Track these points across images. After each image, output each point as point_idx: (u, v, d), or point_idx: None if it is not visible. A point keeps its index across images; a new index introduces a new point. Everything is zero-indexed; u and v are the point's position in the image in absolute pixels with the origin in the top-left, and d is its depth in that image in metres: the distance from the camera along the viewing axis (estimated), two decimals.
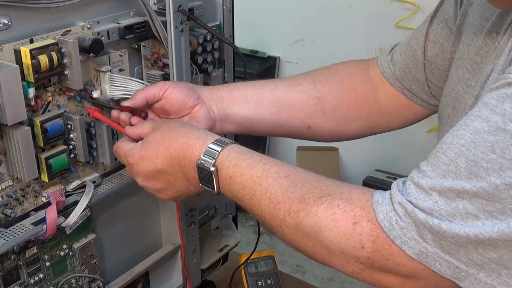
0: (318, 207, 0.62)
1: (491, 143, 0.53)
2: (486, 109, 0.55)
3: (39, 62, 0.71)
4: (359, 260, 0.60)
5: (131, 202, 0.97)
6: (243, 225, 2.53)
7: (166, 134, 0.76)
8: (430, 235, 0.55)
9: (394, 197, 0.58)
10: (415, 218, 0.56)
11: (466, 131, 0.55)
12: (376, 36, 2.35)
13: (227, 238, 1.15)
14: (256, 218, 0.71)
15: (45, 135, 0.76)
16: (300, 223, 0.63)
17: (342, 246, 0.60)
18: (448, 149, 0.56)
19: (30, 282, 0.81)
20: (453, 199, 0.54)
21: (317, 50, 2.52)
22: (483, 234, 0.53)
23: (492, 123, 0.53)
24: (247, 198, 0.68)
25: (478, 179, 0.53)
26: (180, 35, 0.87)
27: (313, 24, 2.49)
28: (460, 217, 0.54)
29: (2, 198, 0.75)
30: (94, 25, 0.80)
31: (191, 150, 0.72)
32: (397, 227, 0.57)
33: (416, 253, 0.57)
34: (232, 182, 0.69)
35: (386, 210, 0.58)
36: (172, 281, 1.08)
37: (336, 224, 0.61)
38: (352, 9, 2.37)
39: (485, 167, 0.53)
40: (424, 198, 0.56)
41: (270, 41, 2.64)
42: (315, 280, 2.31)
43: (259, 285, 1.13)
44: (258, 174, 0.68)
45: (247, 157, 0.70)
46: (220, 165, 0.70)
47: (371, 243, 0.59)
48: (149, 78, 0.91)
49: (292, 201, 0.64)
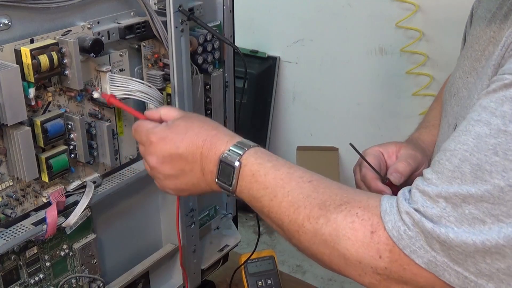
0: (337, 214, 0.61)
1: (493, 146, 0.53)
2: (485, 113, 0.55)
3: (40, 62, 0.71)
4: (376, 271, 0.59)
5: (131, 202, 0.97)
6: (243, 225, 2.53)
7: (196, 123, 0.75)
8: (438, 245, 0.55)
9: (401, 207, 0.58)
10: (423, 227, 0.56)
11: (468, 137, 0.55)
12: (376, 36, 2.35)
13: (227, 238, 1.15)
14: (270, 223, 0.69)
15: (46, 135, 0.76)
16: (319, 230, 0.62)
17: (360, 255, 0.60)
18: (452, 156, 0.56)
19: (30, 282, 0.81)
20: (459, 204, 0.54)
21: (317, 50, 2.53)
22: (490, 240, 0.52)
23: (493, 126, 0.54)
24: (267, 199, 0.67)
25: (483, 183, 0.53)
26: (181, 35, 0.87)
27: (313, 24, 2.49)
28: (468, 222, 0.54)
29: (2, 198, 0.75)
30: (95, 25, 0.80)
31: (219, 143, 0.71)
32: (406, 236, 0.57)
33: (426, 262, 0.56)
34: (254, 181, 0.69)
35: (394, 220, 0.58)
36: (172, 281, 1.08)
37: (355, 233, 0.60)
38: (352, 9, 2.37)
39: (489, 170, 0.53)
40: (431, 206, 0.56)
41: (270, 41, 2.64)
42: (315, 280, 2.31)
43: (259, 285, 1.13)
44: (282, 177, 0.67)
45: (273, 159, 0.70)
46: (245, 161, 0.69)
47: (388, 252, 0.58)
48: (150, 78, 0.91)
49: (313, 206, 0.63)
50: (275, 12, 2.57)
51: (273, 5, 2.57)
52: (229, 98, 1.04)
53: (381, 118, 2.48)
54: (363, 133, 2.52)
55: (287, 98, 2.70)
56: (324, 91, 2.58)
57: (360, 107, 2.51)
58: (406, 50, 2.28)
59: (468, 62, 0.76)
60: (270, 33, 2.64)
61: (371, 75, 2.44)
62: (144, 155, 0.78)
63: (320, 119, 2.64)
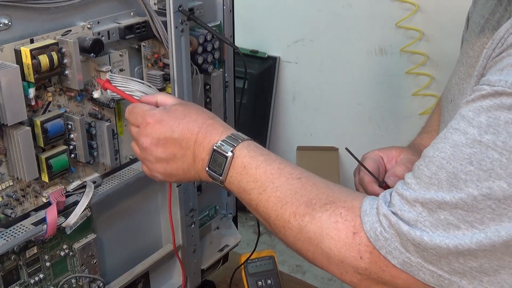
0: (322, 213, 0.63)
1: (469, 155, 0.54)
2: (463, 122, 0.56)
3: (40, 62, 0.71)
4: (357, 271, 0.61)
5: (131, 202, 0.97)
6: (243, 225, 2.53)
7: (194, 110, 0.76)
8: (412, 247, 0.57)
9: (380, 209, 0.59)
10: (399, 230, 0.57)
11: (446, 144, 0.57)
12: (376, 36, 2.35)
13: (227, 238, 1.15)
14: (257, 215, 0.71)
15: (46, 135, 0.76)
16: (304, 227, 0.64)
17: (342, 255, 0.61)
18: (430, 163, 0.57)
19: (30, 282, 0.81)
20: (435, 210, 0.56)
21: (317, 50, 2.53)
22: (462, 245, 0.54)
23: (469, 136, 0.55)
24: (256, 193, 0.68)
25: (458, 191, 0.54)
26: (181, 35, 0.87)
27: (313, 24, 2.49)
28: (442, 227, 0.55)
29: (2, 198, 0.75)
30: (95, 25, 0.80)
31: (214, 132, 0.72)
32: (382, 238, 0.58)
33: (401, 263, 0.58)
34: (244, 173, 0.69)
35: (372, 221, 0.59)
36: (172, 281, 1.08)
37: (338, 233, 0.61)
38: (352, 9, 2.37)
39: (464, 179, 0.54)
40: (408, 210, 0.57)
41: (270, 41, 2.64)
42: (315, 280, 2.31)
43: (259, 285, 1.13)
44: (273, 171, 0.68)
45: (265, 153, 0.71)
46: (237, 153, 0.70)
47: (368, 253, 0.60)
48: (150, 78, 0.91)
49: (300, 204, 0.65)
50: (275, 12, 2.57)
51: (273, 5, 2.57)
52: (229, 98, 1.04)
53: (381, 118, 2.48)
54: (363, 133, 2.52)
55: (287, 98, 2.70)
56: (324, 91, 2.58)
57: (360, 107, 2.51)
58: (406, 50, 2.28)
59: (463, 69, 0.77)
60: (270, 33, 2.64)
61: (371, 75, 2.44)
62: (138, 136, 0.77)
63: (320, 119, 2.64)
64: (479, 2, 0.82)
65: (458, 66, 0.80)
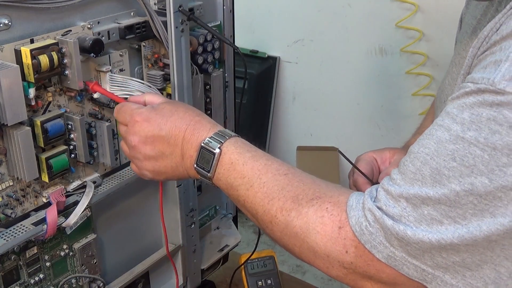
0: (309, 208, 0.64)
1: (452, 152, 0.55)
2: (448, 118, 0.57)
3: (40, 62, 0.71)
4: (343, 265, 0.62)
5: (131, 202, 0.97)
6: (243, 225, 2.53)
7: (182, 108, 0.76)
8: (396, 241, 0.57)
9: (366, 204, 0.60)
10: (383, 224, 0.58)
11: (430, 140, 0.57)
12: (376, 36, 2.35)
13: (227, 238, 1.15)
14: (244, 211, 0.71)
15: (46, 135, 0.76)
16: (290, 222, 0.65)
17: (327, 249, 0.62)
18: (415, 159, 0.58)
19: (30, 282, 0.81)
20: (419, 205, 0.56)
21: (317, 50, 2.52)
22: (445, 240, 0.55)
23: (452, 132, 0.55)
24: (243, 189, 0.69)
25: (441, 187, 0.55)
26: (181, 35, 0.87)
27: (313, 24, 2.49)
28: (426, 222, 0.56)
29: (2, 198, 0.75)
30: (95, 25, 0.80)
31: (201, 129, 0.73)
32: (367, 232, 0.59)
33: (385, 257, 0.59)
34: (232, 169, 0.70)
35: (358, 216, 0.60)
36: (172, 281, 1.08)
37: (324, 228, 0.62)
38: (352, 9, 2.37)
39: (447, 174, 0.55)
40: (393, 205, 0.58)
41: (270, 41, 2.64)
42: (315, 280, 2.31)
43: (259, 285, 1.13)
44: (260, 168, 0.69)
45: (252, 149, 0.71)
46: (225, 149, 0.71)
47: (353, 248, 0.60)
48: (150, 78, 0.91)
49: (287, 199, 0.65)
50: (275, 12, 2.57)
51: (273, 5, 2.57)
52: (229, 98, 1.04)
53: (381, 118, 2.48)
54: (363, 133, 2.52)
55: (287, 98, 2.70)
56: (324, 91, 2.58)
57: (360, 107, 2.51)
58: (406, 50, 2.28)
59: (456, 69, 0.78)
60: (270, 33, 2.64)
61: (371, 75, 2.44)
62: (126, 134, 0.78)
63: (320, 119, 2.64)
64: (471, 3, 0.83)
65: (451, 67, 0.81)
